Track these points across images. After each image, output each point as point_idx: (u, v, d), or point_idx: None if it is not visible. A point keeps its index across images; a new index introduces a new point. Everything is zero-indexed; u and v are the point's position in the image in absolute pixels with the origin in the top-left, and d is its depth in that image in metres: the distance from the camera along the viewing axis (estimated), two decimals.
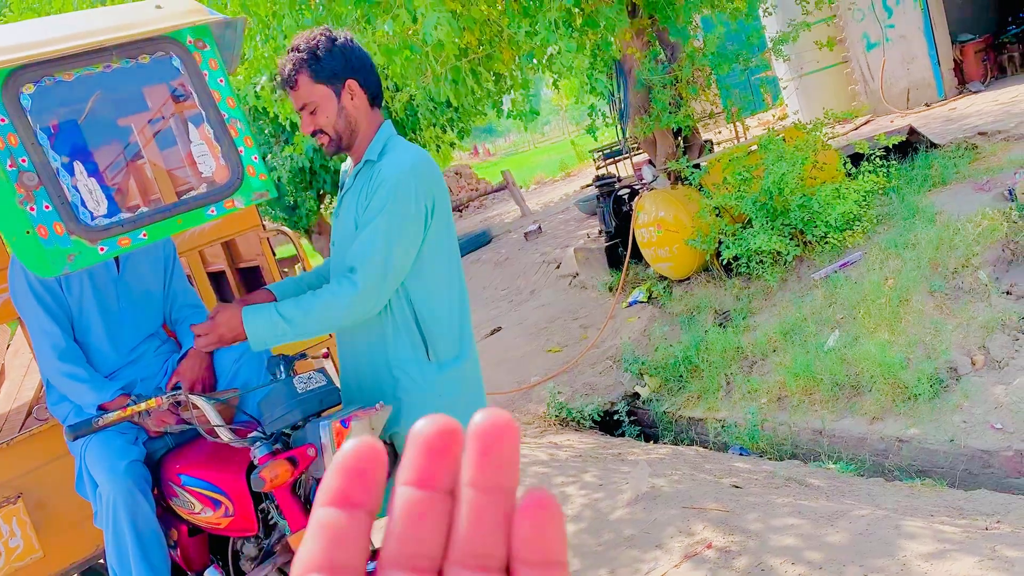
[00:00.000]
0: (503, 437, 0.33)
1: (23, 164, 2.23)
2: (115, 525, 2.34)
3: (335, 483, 0.32)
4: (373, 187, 2.20)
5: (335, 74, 2.21)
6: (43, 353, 2.52)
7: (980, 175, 6.30)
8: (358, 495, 0.32)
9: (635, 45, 7.26)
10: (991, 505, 3.70)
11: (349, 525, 0.32)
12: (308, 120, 2.25)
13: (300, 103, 2.23)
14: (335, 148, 2.27)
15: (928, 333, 4.99)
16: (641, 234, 7.31)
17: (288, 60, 2.22)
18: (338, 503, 0.32)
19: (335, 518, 0.32)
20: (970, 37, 10.60)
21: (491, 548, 0.32)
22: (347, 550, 0.32)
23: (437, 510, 0.32)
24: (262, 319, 2.14)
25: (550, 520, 0.32)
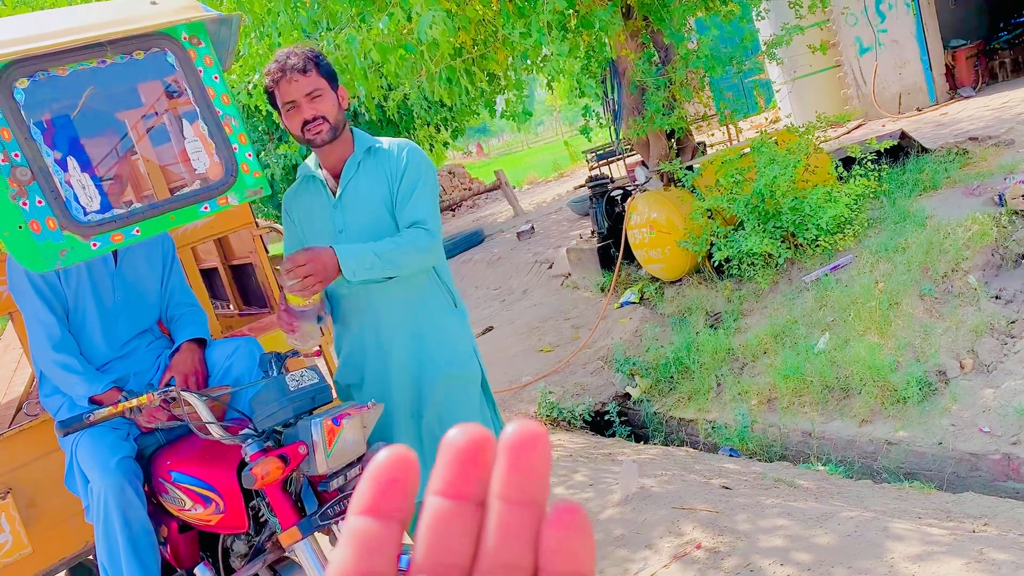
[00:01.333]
0: (534, 449, 0.33)
1: (16, 159, 2.22)
2: (106, 521, 2.34)
3: (367, 492, 0.33)
4: (396, 164, 2.43)
5: (333, 76, 2.42)
6: (38, 342, 2.51)
7: (970, 180, 6.34)
8: (390, 504, 0.33)
9: (629, 47, 7.28)
10: (979, 508, 3.72)
11: (380, 534, 0.32)
12: (311, 107, 2.35)
13: (309, 88, 2.34)
14: (330, 138, 2.39)
15: (918, 336, 5.02)
16: (633, 235, 7.33)
17: (295, 55, 2.35)
18: (370, 512, 0.33)
19: (367, 527, 0.32)
20: (962, 43, 10.66)
21: (519, 559, 0.32)
22: (378, 559, 0.32)
23: (467, 520, 0.33)
24: (355, 253, 2.30)
25: (578, 532, 0.33)
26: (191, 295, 2.90)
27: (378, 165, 2.46)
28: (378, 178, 2.45)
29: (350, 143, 2.49)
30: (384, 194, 2.44)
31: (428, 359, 2.53)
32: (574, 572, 0.32)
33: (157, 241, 2.77)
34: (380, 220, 2.43)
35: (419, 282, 2.53)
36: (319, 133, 2.37)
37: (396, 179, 2.45)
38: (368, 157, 2.47)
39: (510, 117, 6.77)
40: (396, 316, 2.52)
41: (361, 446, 2.20)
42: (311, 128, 2.37)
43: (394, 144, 2.50)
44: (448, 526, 0.33)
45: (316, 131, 2.37)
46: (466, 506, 0.33)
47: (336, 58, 5.42)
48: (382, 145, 2.50)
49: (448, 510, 0.33)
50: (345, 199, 2.46)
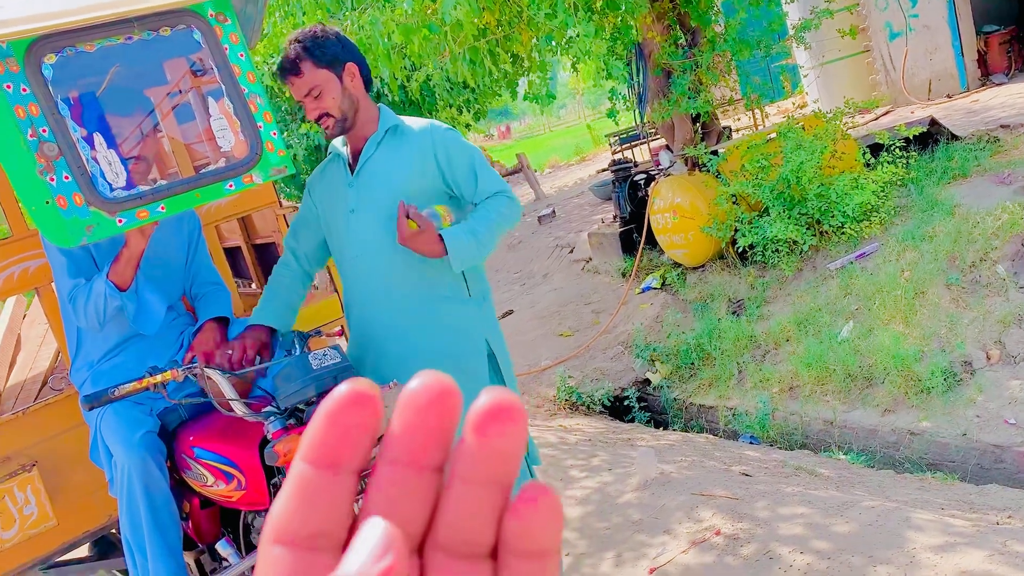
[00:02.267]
0: (507, 425, 0.29)
1: (44, 134, 2.23)
2: (129, 495, 2.36)
3: (320, 437, 0.28)
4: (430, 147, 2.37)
5: (336, 58, 2.33)
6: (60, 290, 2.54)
7: (1001, 168, 6.23)
8: (345, 453, 0.28)
9: (655, 29, 7.20)
10: (1002, 500, 3.68)
11: (332, 488, 0.28)
12: (313, 105, 2.33)
13: (306, 89, 2.32)
14: (340, 130, 2.37)
15: (943, 326, 4.95)
16: (656, 220, 7.28)
17: (290, 50, 2.31)
18: (321, 462, 0.28)
19: (317, 478, 0.28)
20: (995, 28, 10.44)
21: (479, 537, 0.30)
22: (327, 516, 0.28)
23: (421, 489, 0.29)
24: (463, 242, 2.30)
25: (546, 515, 0.30)
26: (216, 274, 2.91)
27: (400, 145, 2.41)
28: (399, 158, 2.40)
29: (374, 121, 2.44)
30: (405, 175, 2.38)
31: (430, 347, 2.44)
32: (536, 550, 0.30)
33: (183, 218, 2.77)
34: (395, 201, 2.36)
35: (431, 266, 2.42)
36: (327, 128, 2.37)
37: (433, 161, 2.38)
38: (390, 137, 2.43)
39: (533, 99, 6.72)
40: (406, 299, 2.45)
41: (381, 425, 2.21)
42: (320, 124, 2.37)
43: (418, 124, 2.45)
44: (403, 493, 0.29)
45: (325, 127, 2.37)
46: (424, 473, 0.29)
47: (359, 38, 5.40)
48: (405, 125, 2.45)
49: (404, 477, 0.29)
50: (361, 178, 2.43)
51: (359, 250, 2.43)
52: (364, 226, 2.41)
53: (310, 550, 0.28)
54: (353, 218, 2.43)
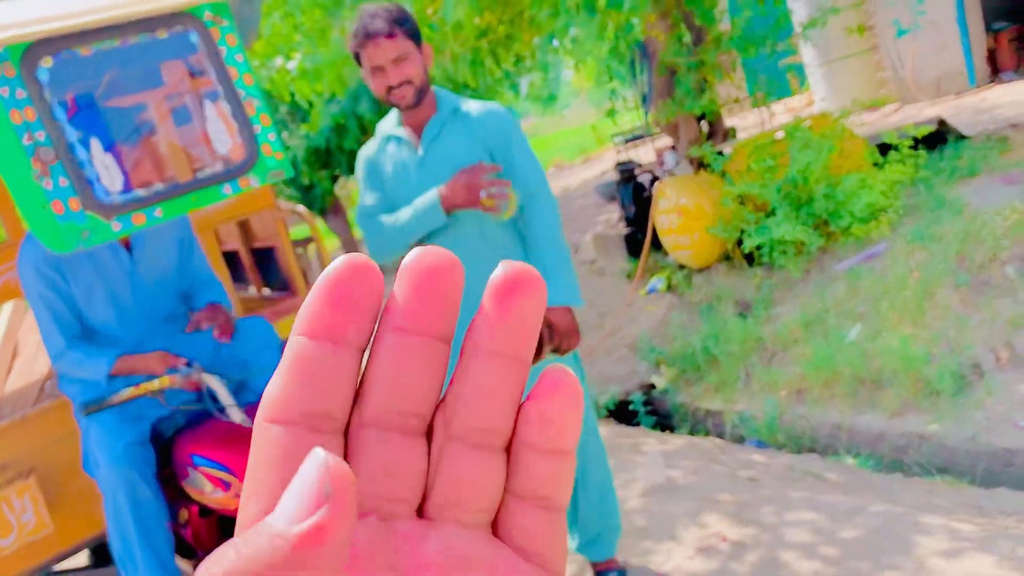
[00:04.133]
0: (527, 297, 0.27)
1: (40, 139, 2.21)
2: (115, 508, 2.34)
3: (317, 309, 0.26)
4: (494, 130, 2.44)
5: (418, 35, 2.38)
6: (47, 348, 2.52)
7: (1010, 168, 6.16)
8: (346, 325, 0.26)
9: (659, 27, 7.15)
10: (1012, 504, 3.64)
11: (333, 363, 0.26)
12: (397, 72, 2.32)
13: (395, 53, 2.30)
14: (415, 100, 2.37)
15: (952, 328, 4.90)
16: (661, 221, 7.23)
17: (380, 16, 2.31)
18: (321, 334, 0.26)
19: (316, 352, 0.26)
20: (1004, 25, 10.35)
21: (497, 424, 0.28)
22: (328, 394, 0.26)
23: (430, 361, 0.27)
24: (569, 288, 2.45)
25: (568, 405, 0.28)
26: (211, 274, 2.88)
27: (463, 127, 2.45)
28: (464, 140, 2.44)
29: (433, 102, 2.46)
30: (471, 156, 2.43)
31: None
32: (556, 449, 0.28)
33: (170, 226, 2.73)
34: None
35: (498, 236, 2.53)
36: (404, 98, 2.36)
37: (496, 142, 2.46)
38: (453, 118, 2.46)
39: (534, 100, 6.68)
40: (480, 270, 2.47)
41: None
42: (396, 93, 2.35)
43: (478, 107, 2.50)
44: (407, 367, 0.27)
45: (401, 96, 2.35)
46: (430, 342, 0.27)
47: None
48: (468, 107, 2.49)
49: (409, 346, 0.27)
50: (429, 158, 2.44)
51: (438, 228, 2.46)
52: None
53: (310, 430, 0.26)
54: None
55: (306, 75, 5.51)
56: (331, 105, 10.72)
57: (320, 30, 5.57)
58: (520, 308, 0.27)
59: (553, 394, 0.28)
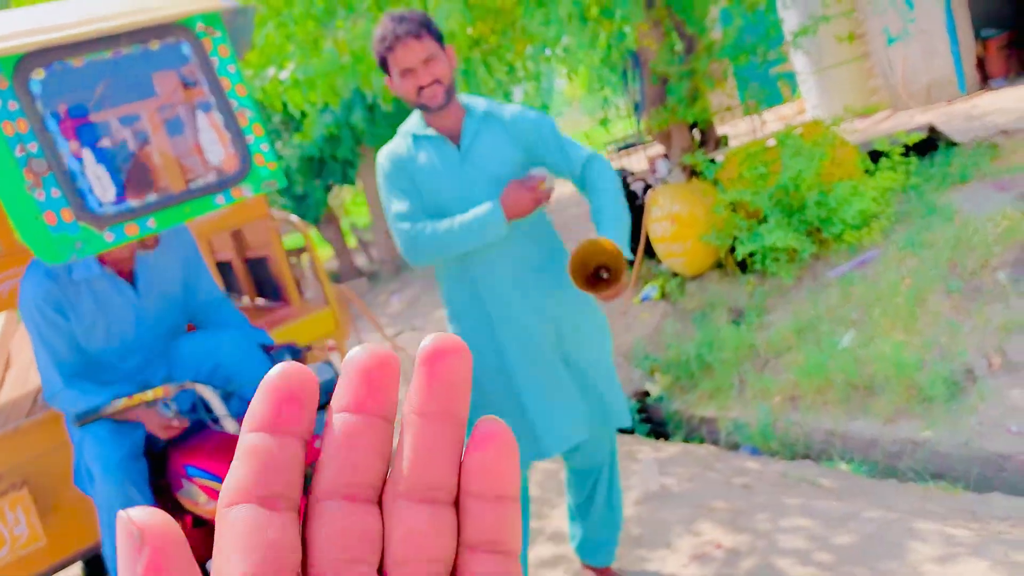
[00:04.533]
0: (454, 360, 0.30)
1: (32, 150, 2.22)
2: (109, 519, 2.33)
3: (263, 407, 0.29)
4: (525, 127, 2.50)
5: (442, 38, 2.42)
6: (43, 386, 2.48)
7: (1001, 174, 6.20)
8: (288, 420, 0.29)
9: (651, 36, 7.19)
10: (1005, 509, 3.64)
11: (280, 451, 0.29)
12: (426, 72, 2.35)
13: (425, 54, 2.34)
14: (445, 100, 2.40)
15: (944, 334, 4.92)
16: (654, 229, 7.25)
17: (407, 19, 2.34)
18: (267, 428, 0.29)
19: (265, 443, 0.29)
20: (993, 32, 10.43)
21: (440, 479, 0.30)
22: (280, 478, 0.29)
23: (375, 436, 0.30)
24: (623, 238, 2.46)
25: (503, 453, 0.30)
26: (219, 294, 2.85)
27: (500, 127, 2.50)
28: (503, 138, 2.49)
29: (460, 105, 2.51)
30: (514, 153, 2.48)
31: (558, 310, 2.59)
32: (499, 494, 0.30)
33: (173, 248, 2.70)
34: (508, 172, 2.47)
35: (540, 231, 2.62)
36: (435, 97, 2.38)
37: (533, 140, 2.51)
38: (487, 119, 2.51)
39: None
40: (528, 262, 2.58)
41: None
42: (426, 93, 2.37)
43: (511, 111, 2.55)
44: (356, 442, 0.30)
45: (432, 95, 2.37)
46: (374, 420, 0.30)
47: (352, 49, 5.38)
48: (501, 110, 2.54)
49: (354, 425, 0.30)
50: (471, 155, 2.47)
51: None
52: (486, 195, 2.46)
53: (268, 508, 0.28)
54: (477, 189, 2.47)
55: (299, 85, 5.52)
56: (324, 115, 10.74)
57: (313, 40, 5.58)
58: (446, 371, 0.30)
59: (488, 444, 0.30)
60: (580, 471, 2.83)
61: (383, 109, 9.85)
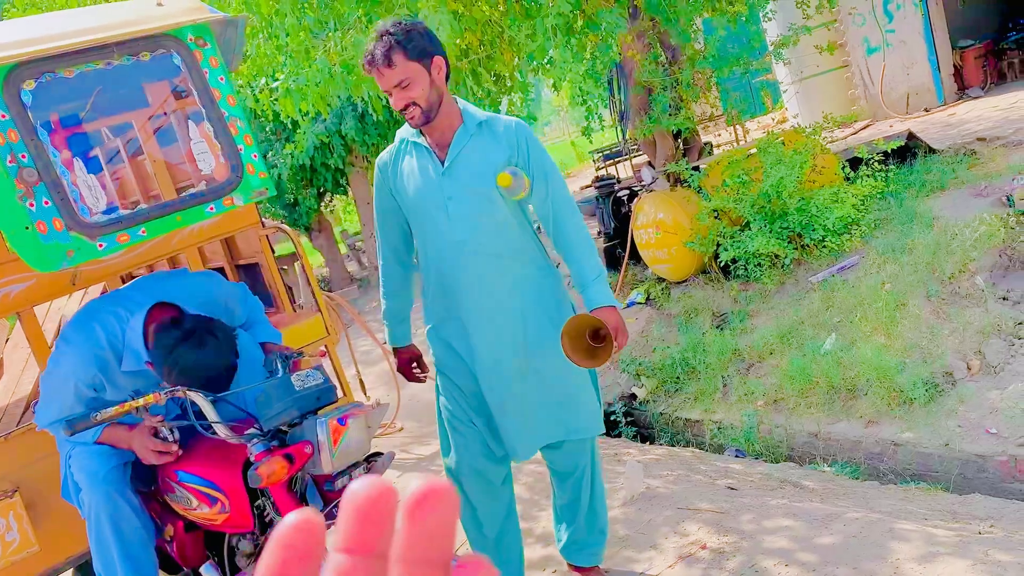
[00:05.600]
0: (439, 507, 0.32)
1: (23, 160, 2.24)
2: (98, 532, 2.33)
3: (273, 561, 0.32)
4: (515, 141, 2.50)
5: (425, 51, 2.37)
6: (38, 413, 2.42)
7: (978, 180, 6.31)
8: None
9: (636, 47, 7.27)
10: (985, 509, 3.71)
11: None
12: (401, 96, 2.35)
13: (396, 80, 2.33)
14: (425, 120, 2.40)
15: (924, 338, 5.00)
16: (640, 235, 7.32)
17: (380, 44, 2.33)
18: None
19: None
20: (970, 43, 10.60)
21: None
22: None
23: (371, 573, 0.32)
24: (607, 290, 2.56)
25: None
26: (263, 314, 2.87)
27: (491, 139, 2.50)
28: (491, 150, 2.49)
29: (456, 115, 2.47)
30: (493, 165, 2.47)
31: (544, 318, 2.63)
32: None
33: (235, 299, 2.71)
34: (488, 190, 2.46)
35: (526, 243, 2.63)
36: (412, 119, 2.39)
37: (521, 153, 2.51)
38: (480, 131, 2.49)
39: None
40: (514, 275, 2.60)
41: (366, 446, 2.21)
42: (405, 114, 2.39)
43: (505, 121, 2.54)
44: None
45: (410, 117, 2.38)
46: (370, 560, 0.32)
47: (343, 60, 5.42)
48: (494, 121, 2.53)
49: (352, 566, 0.32)
50: (455, 168, 2.46)
51: (465, 235, 2.48)
52: (467, 212, 2.47)
53: None
54: (452, 204, 2.47)
55: (290, 94, 5.54)
56: (316, 124, 10.76)
57: (304, 51, 5.62)
58: (432, 520, 0.32)
59: None
60: (561, 473, 2.87)
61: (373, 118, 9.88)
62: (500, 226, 2.52)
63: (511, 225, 2.55)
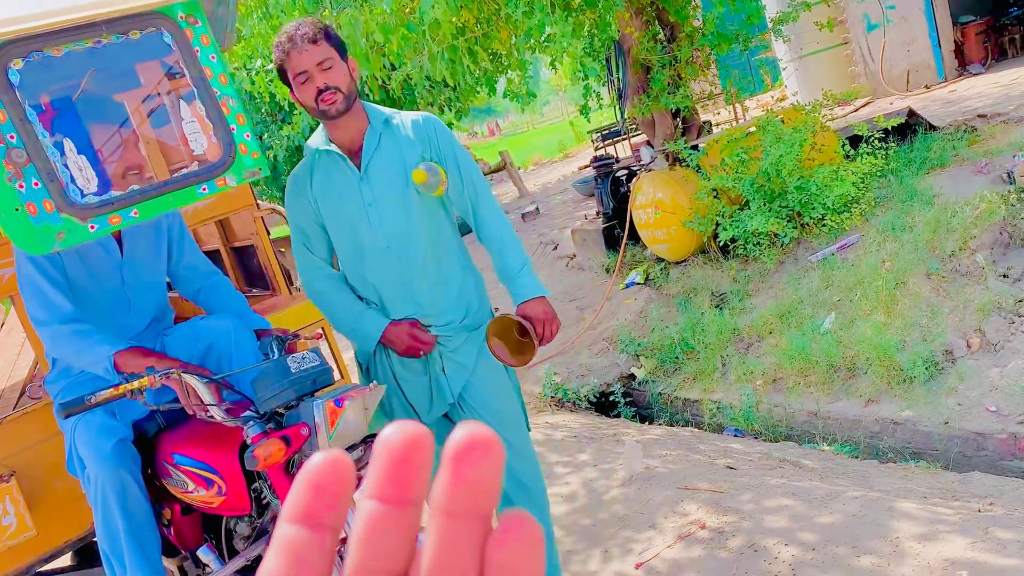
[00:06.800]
0: (484, 458, 0.31)
1: (12, 141, 2.20)
2: (104, 507, 2.33)
3: (300, 499, 0.31)
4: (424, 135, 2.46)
5: (344, 48, 2.38)
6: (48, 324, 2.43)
7: (979, 158, 6.27)
8: (323, 512, 0.31)
9: (634, 25, 7.20)
10: (984, 487, 3.71)
11: (312, 544, 0.31)
12: (322, 77, 2.30)
13: (320, 57, 2.29)
14: (344, 107, 2.34)
15: (924, 316, 4.99)
16: (639, 215, 7.29)
17: (303, 24, 2.32)
18: (302, 520, 0.31)
19: (299, 536, 0.31)
20: (971, 19, 10.52)
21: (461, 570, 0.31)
22: (310, 570, 0.31)
23: (403, 525, 0.31)
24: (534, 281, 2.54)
25: (528, 546, 0.31)
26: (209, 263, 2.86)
27: (400, 136, 2.45)
28: (403, 147, 2.44)
29: (364, 117, 2.43)
30: (408, 164, 2.42)
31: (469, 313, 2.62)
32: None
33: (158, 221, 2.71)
34: (405, 190, 2.42)
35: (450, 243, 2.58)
36: (333, 103, 2.32)
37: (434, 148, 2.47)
38: (388, 127, 2.45)
39: (513, 98, 6.69)
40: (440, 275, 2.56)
41: (363, 428, 2.20)
42: (325, 98, 2.31)
43: (411, 116, 2.50)
44: (384, 531, 0.31)
45: (330, 100, 2.31)
46: (403, 509, 0.31)
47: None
48: (399, 117, 2.48)
49: (384, 514, 0.31)
50: (371, 172, 2.42)
51: (388, 241, 2.44)
52: (388, 216, 2.43)
53: None
54: (373, 211, 2.43)
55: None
56: None
57: None
58: (477, 471, 0.30)
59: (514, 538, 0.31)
60: None
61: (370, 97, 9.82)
62: (423, 228, 2.46)
63: (434, 225, 2.50)
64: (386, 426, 0.32)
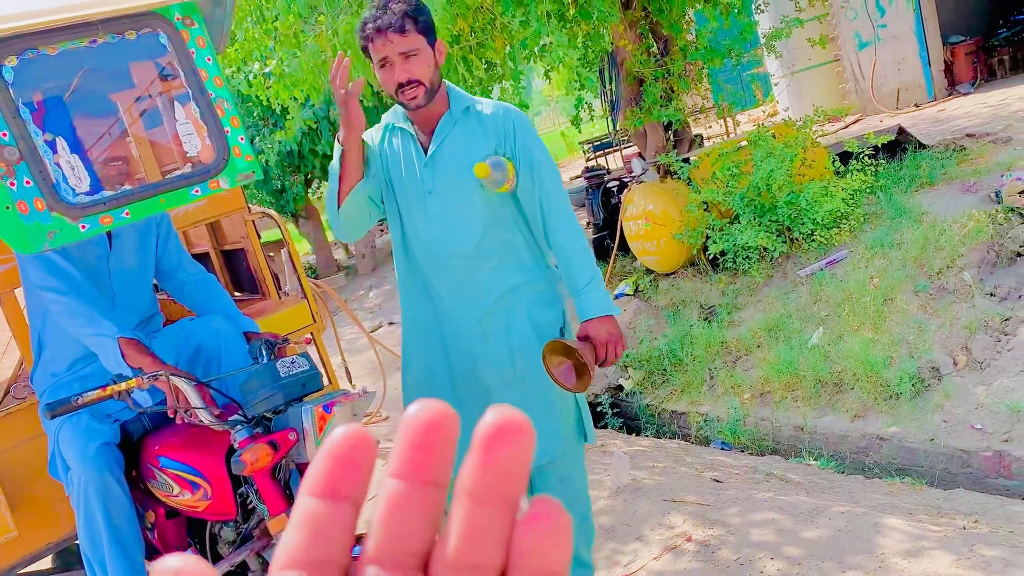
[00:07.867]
0: (514, 442, 0.30)
1: (3, 138, 2.19)
2: (86, 509, 2.31)
3: (321, 472, 0.31)
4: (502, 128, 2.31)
5: (432, 30, 2.23)
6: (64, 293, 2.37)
7: (967, 176, 6.33)
8: (344, 486, 0.31)
9: (628, 37, 7.24)
10: (969, 504, 3.72)
11: (333, 517, 0.30)
12: (405, 68, 2.17)
13: (405, 48, 2.15)
14: (426, 101, 2.23)
15: (911, 332, 5.02)
16: (629, 227, 7.31)
17: (393, 7, 2.15)
18: (323, 494, 0.31)
19: (319, 509, 0.30)
20: (961, 39, 10.64)
21: (486, 560, 0.30)
22: (330, 544, 0.30)
23: (426, 505, 0.31)
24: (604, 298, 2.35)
25: (556, 532, 0.30)
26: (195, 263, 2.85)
27: (476, 126, 2.32)
28: (475, 140, 2.30)
29: (445, 100, 2.31)
30: (477, 157, 2.28)
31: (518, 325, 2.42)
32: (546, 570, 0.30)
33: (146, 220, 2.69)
34: (469, 182, 2.28)
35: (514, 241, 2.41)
36: (414, 98, 2.20)
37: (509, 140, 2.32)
38: (464, 117, 2.32)
39: None
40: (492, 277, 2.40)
41: None
42: (406, 93, 2.19)
43: (492, 106, 2.35)
44: (406, 511, 0.30)
45: (412, 96, 2.20)
46: (426, 489, 0.30)
47: (334, 45, 5.37)
48: (481, 106, 2.34)
49: (406, 493, 0.30)
50: (437, 159, 2.30)
51: (439, 232, 2.32)
52: (444, 207, 2.31)
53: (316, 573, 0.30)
54: (431, 199, 2.31)
55: (284, 79, 5.49)
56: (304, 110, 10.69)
57: (294, 35, 5.56)
58: (506, 455, 0.30)
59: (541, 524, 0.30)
60: None
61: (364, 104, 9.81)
62: (479, 224, 2.32)
63: (498, 224, 2.36)
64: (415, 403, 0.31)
